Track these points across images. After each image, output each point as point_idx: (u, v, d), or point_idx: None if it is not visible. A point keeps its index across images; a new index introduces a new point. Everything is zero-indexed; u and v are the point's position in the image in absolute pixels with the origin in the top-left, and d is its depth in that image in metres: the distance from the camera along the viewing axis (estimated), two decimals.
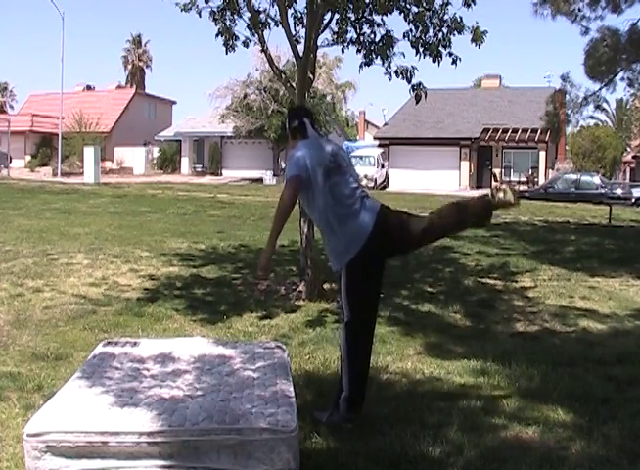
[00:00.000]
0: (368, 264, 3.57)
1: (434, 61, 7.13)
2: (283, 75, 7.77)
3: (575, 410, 3.79)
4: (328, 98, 33.01)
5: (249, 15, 7.30)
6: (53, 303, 6.28)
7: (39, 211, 14.09)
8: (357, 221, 3.57)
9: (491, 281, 8.04)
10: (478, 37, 7.00)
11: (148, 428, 2.72)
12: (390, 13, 7.15)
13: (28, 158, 40.71)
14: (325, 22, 7.14)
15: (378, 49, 7.22)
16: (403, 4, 7.07)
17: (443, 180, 33.19)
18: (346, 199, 3.61)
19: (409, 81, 7.15)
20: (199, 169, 38.07)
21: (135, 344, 3.85)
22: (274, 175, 33.03)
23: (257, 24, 7.25)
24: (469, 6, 7.04)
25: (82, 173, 29.63)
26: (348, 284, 3.58)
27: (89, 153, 27.86)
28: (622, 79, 15.18)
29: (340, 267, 3.61)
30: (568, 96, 16.03)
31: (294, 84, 7.33)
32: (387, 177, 35.37)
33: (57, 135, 35.46)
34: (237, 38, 7.55)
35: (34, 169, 36.99)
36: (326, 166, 3.62)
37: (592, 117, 43.21)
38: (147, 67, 61.05)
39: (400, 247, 3.81)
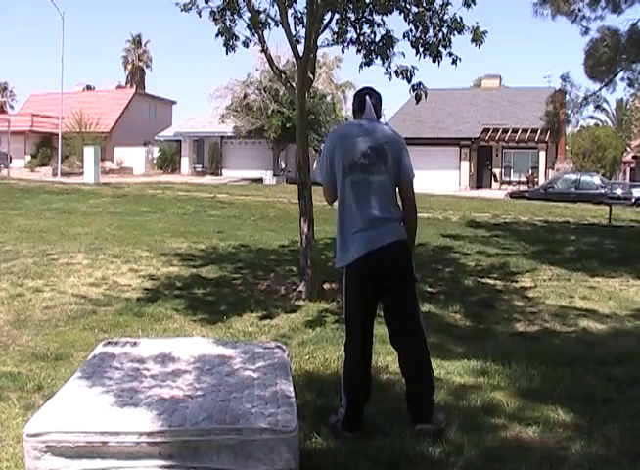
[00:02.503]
0: (360, 280, 3.44)
1: (434, 61, 7.13)
2: (283, 75, 7.78)
3: (575, 410, 3.79)
4: (328, 98, 32.95)
5: (249, 15, 7.30)
6: (53, 303, 6.28)
7: (39, 211, 14.08)
8: (349, 245, 3.42)
9: (491, 281, 8.05)
10: (478, 37, 7.00)
11: (148, 428, 2.71)
12: (390, 13, 7.16)
13: (28, 158, 40.66)
14: (325, 22, 7.15)
15: (378, 49, 7.23)
16: (403, 4, 7.07)
17: (443, 180, 33.13)
18: (352, 212, 3.41)
19: (409, 81, 7.15)
20: (199, 169, 38.05)
21: (135, 344, 3.84)
22: (274, 175, 32.99)
23: (257, 24, 7.25)
24: (469, 6, 7.04)
25: (82, 173, 29.60)
26: (343, 286, 3.55)
27: (89, 153, 27.83)
28: (622, 79, 15.22)
29: (339, 267, 3.57)
30: (568, 96, 16.04)
31: (294, 84, 7.34)
32: None
33: (57, 135, 35.41)
34: (237, 38, 7.54)
35: (34, 169, 36.93)
36: (352, 161, 3.40)
37: (592, 117, 43.29)
38: (147, 67, 61.11)
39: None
